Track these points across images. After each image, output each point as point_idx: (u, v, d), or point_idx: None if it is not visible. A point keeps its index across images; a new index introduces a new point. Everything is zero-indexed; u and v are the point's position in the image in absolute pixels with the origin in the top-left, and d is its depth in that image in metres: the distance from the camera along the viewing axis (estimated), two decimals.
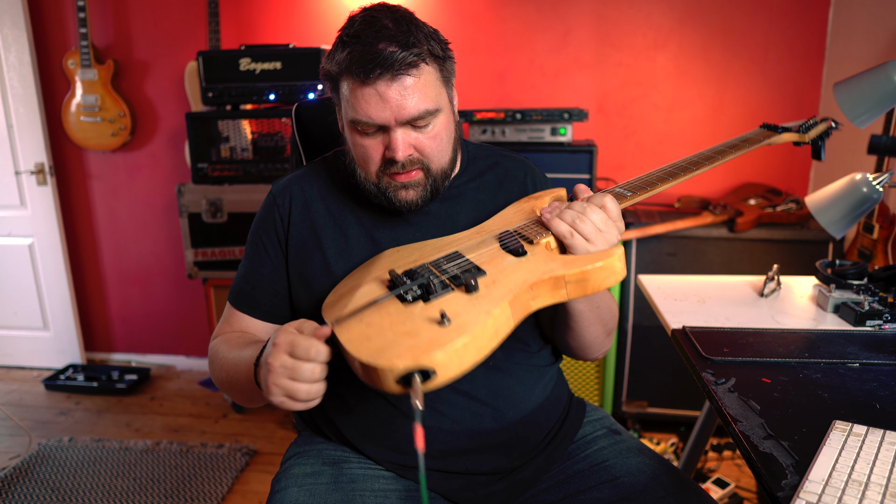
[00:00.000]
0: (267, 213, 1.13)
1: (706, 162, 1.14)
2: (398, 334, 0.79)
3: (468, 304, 0.82)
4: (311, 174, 1.15)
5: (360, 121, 0.96)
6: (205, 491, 2.24)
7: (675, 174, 1.09)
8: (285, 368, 0.82)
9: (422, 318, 0.81)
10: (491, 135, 2.41)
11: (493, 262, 0.91)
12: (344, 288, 0.96)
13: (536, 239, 0.94)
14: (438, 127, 0.99)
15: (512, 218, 1.05)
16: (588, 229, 0.91)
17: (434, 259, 0.95)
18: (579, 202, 0.94)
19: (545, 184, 1.19)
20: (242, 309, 1.13)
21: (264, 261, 1.12)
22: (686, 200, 2.62)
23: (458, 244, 1.00)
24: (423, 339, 0.77)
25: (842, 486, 0.75)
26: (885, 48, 2.16)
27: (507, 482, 1.08)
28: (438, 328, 0.78)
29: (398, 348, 0.76)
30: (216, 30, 2.76)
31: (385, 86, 0.92)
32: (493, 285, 0.85)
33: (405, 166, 0.99)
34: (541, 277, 0.86)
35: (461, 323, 0.78)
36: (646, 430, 2.53)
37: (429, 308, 0.83)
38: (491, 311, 0.80)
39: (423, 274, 0.89)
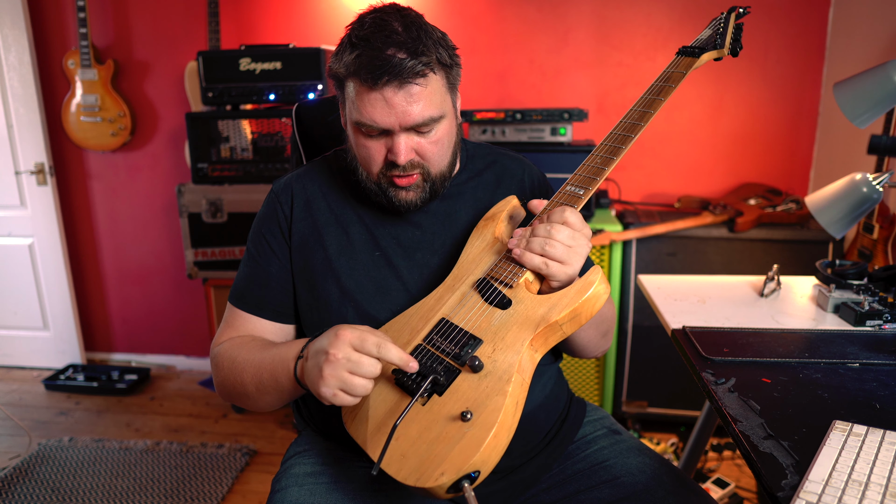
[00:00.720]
0: (270, 210, 1.13)
1: (640, 122, 1.04)
2: (430, 444, 0.82)
3: (481, 387, 0.85)
4: (312, 172, 1.15)
5: (365, 124, 0.96)
6: (205, 491, 2.24)
7: (616, 149, 1.02)
8: (349, 361, 0.83)
9: (445, 418, 0.84)
10: (491, 135, 2.41)
11: (484, 322, 0.93)
12: None
13: (515, 281, 0.94)
14: (441, 132, 1.00)
15: (480, 255, 1.03)
16: (559, 252, 0.90)
17: (427, 334, 0.95)
18: (542, 225, 0.92)
19: (543, 182, 1.20)
20: (249, 309, 1.11)
21: (271, 259, 1.11)
22: (686, 200, 2.62)
23: (442, 307, 0.98)
24: (456, 445, 0.80)
25: (842, 486, 0.75)
26: (885, 48, 2.16)
27: (507, 481, 1.08)
28: (464, 426, 0.81)
29: (436, 463, 0.80)
30: (216, 30, 2.76)
31: (392, 92, 0.93)
32: (494, 354, 0.88)
33: (406, 169, 0.99)
34: (536, 331, 0.89)
35: (484, 416, 0.82)
36: (646, 430, 2.53)
37: (446, 402, 0.86)
38: (506, 391, 0.83)
39: (424, 362, 0.90)
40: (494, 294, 0.94)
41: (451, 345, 0.92)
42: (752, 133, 2.68)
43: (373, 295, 1.07)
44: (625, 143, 1.02)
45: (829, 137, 2.57)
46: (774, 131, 2.67)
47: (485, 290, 0.96)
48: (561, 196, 1.00)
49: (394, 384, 0.91)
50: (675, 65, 1.10)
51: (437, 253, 1.09)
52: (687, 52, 1.12)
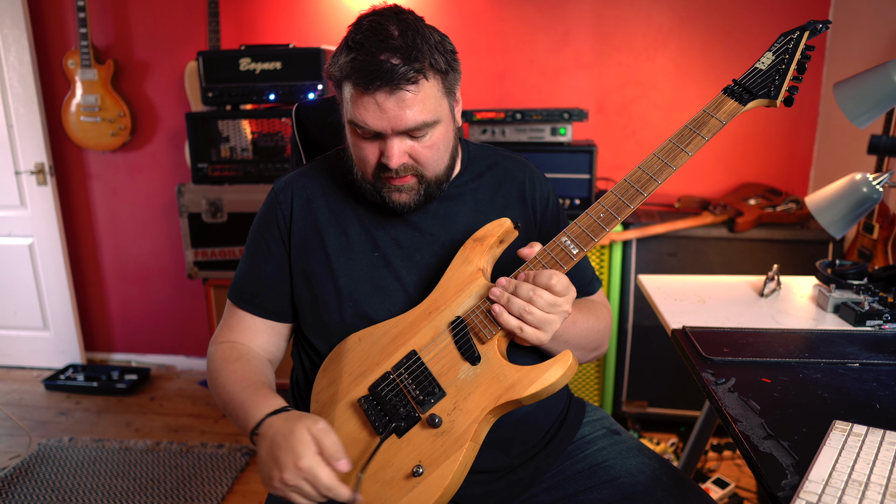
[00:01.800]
0: (269, 210, 1.14)
1: (657, 178, 0.95)
2: (382, 485, 0.92)
3: (436, 444, 0.92)
4: (313, 172, 1.16)
5: (358, 125, 0.97)
6: (205, 491, 2.24)
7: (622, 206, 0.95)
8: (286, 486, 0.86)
9: (398, 465, 0.93)
10: (491, 135, 2.41)
11: (451, 372, 0.96)
12: (324, 395, 1.04)
13: (488, 337, 0.95)
14: (436, 137, 1.00)
15: (462, 285, 1.00)
16: (537, 319, 0.91)
17: (396, 364, 0.99)
18: (526, 286, 0.91)
19: (544, 184, 1.19)
20: (245, 307, 1.13)
21: (268, 258, 1.12)
22: (686, 200, 2.62)
23: (415, 336, 1.00)
24: (404, 497, 0.90)
25: (842, 486, 0.75)
26: (885, 48, 2.16)
27: (506, 481, 1.08)
28: (414, 481, 0.91)
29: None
30: (216, 30, 2.76)
31: (384, 97, 0.93)
32: (454, 413, 0.93)
33: (399, 172, 0.99)
34: (496, 403, 0.92)
35: (433, 477, 0.90)
36: (646, 430, 2.53)
37: (402, 447, 0.94)
38: (458, 459, 0.90)
39: (389, 399, 0.96)
40: (467, 345, 0.96)
41: (415, 387, 0.96)
42: (752, 133, 2.68)
43: (371, 295, 1.07)
44: (633, 200, 0.95)
45: (829, 137, 2.57)
46: (774, 131, 2.67)
47: (458, 336, 0.97)
48: (554, 248, 0.96)
49: (359, 410, 0.99)
50: (714, 108, 0.96)
51: (436, 254, 1.09)
52: (733, 94, 0.95)
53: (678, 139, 0.97)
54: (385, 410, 0.96)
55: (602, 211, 0.96)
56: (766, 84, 0.95)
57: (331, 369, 1.05)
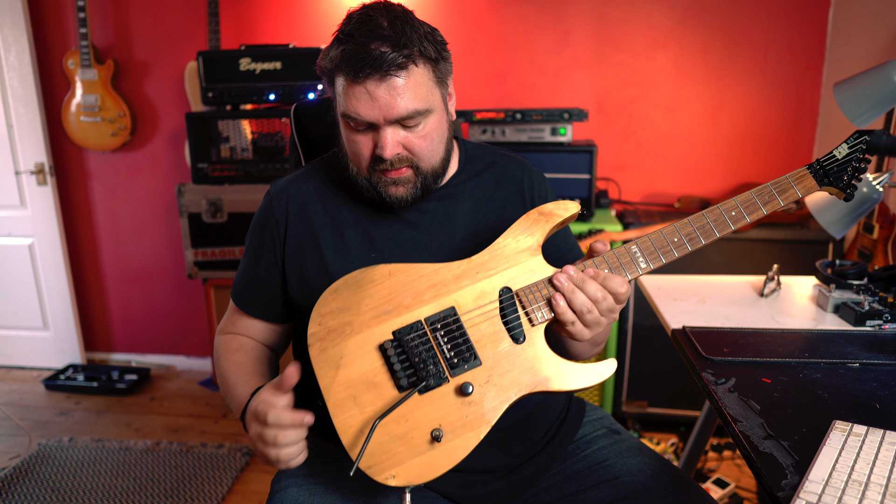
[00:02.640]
0: (264, 214, 1.14)
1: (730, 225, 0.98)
2: (393, 438, 0.86)
3: (461, 412, 0.88)
4: (309, 175, 1.15)
5: (351, 117, 0.97)
6: (205, 491, 2.24)
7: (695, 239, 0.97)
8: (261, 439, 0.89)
9: (416, 421, 0.87)
10: (491, 135, 2.41)
11: (490, 343, 0.91)
12: (333, 321, 0.94)
13: (539, 321, 0.92)
14: (429, 127, 1.00)
15: (519, 256, 0.96)
16: (593, 319, 0.90)
17: (430, 316, 0.93)
18: (594, 285, 0.90)
19: (543, 183, 1.19)
20: (241, 307, 1.16)
21: (260, 262, 1.13)
22: (686, 200, 2.62)
23: (457, 292, 0.94)
24: (417, 458, 0.85)
25: (842, 486, 0.75)
26: (885, 48, 2.16)
27: (507, 481, 1.08)
28: (431, 444, 0.86)
29: (392, 462, 0.85)
30: (216, 30, 2.76)
31: (374, 85, 0.93)
32: (487, 386, 0.89)
33: (394, 164, 0.99)
34: (532, 388, 0.90)
35: (453, 446, 0.86)
36: (646, 430, 2.53)
37: (423, 405, 0.88)
38: (481, 435, 0.87)
39: (418, 351, 0.90)
40: (514, 321, 0.92)
41: (450, 347, 0.91)
42: (752, 133, 2.68)
43: None
44: (708, 237, 0.97)
45: (829, 137, 2.57)
46: (774, 131, 2.67)
47: (507, 308, 0.93)
48: (623, 254, 0.95)
49: (378, 353, 0.91)
50: (796, 180, 0.99)
51: (434, 254, 1.08)
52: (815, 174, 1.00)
53: (759, 195, 0.99)
54: (411, 363, 0.89)
55: (676, 235, 0.96)
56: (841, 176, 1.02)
57: (345, 294, 0.95)
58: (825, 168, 1.00)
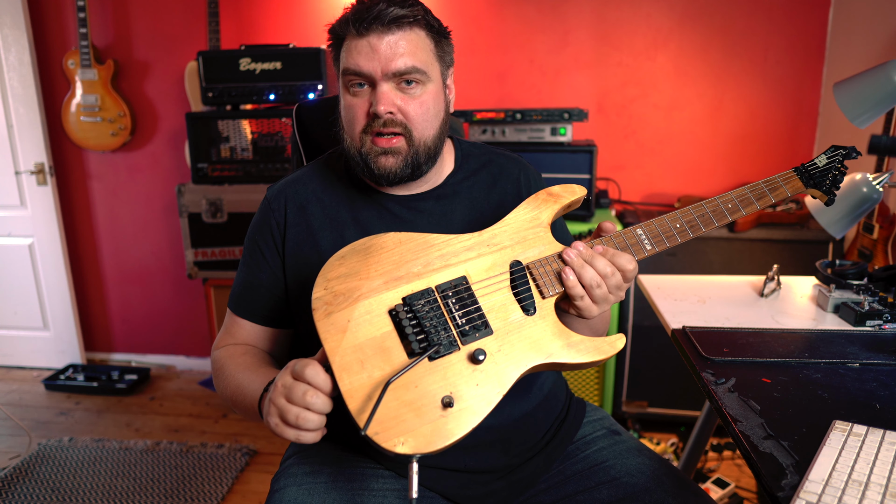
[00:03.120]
0: (263, 217, 1.13)
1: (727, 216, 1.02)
2: (403, 405, 0.83)
3: (472, 380, 0.86)
4: (307, 177, 1.15)
5: (350, 69, 0.99)
6: (205, 491, 2.24)
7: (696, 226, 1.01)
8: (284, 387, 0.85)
9: (426, 388, 0.84)
10: (491, 135, 2.41)
11: (501, 313, 0.92)
12: (340, 285, 0.92)
13: (549, 294, 0.93)
14: (426, 95, 1.01)
15: (527, 231, 0.98)
16: (601, 294, 0.91)
17: (441, 284, 0.92)
18: (603, 261, 0.91)
19: (539, 182, 1.19)
20: (243, 315, 1.13)
21: (262, 266, 1.12)
22: (686, 201, 2.62)
23: (468, 263, 0.95)
24: (426, 425, 0.82)
25: (842, 486, 0.75)
26: (885, 48, 2.16)
27: (506, 481, 1.08)
28: (441, 412, 0.83)
29: (401, 429, 0.81)
30: (216, 30, 2.76)
31: (377, 38, 0.97)
32: (498, 355, 0.88)
33: (387, 125, 0.99)
34: (543, 361, 0.89)
35: (463, 414, 0.83)
36: (646, 430, 2.53)
37: (434, 371, 0.86)
38: (492, 403, 0.85)
39: (429, 317, 0.89)
40: (525, 293, 0.93)
41: (461, 315, 0.90)
42: (752, 133, 2.68)
43: None
44: (707, 225, 1.01)
45: (829, 137, 2.57)
46: (774, 131, 2.67)
47: (517, 280, 0.94)
48: (629, 235, 0.98)
49: (388, 318, 0.90)
50: (785, 180, 1.05)
51: None
52: (801, 176, 1.07)
53: (752, 190, 1.04)
54: (423, 329, 0.88)
55: (678, 222, 1.00)
56: (824, 180, 1.08)
57: (353, 260, 0.94)
58: (809, 172, 1.07)
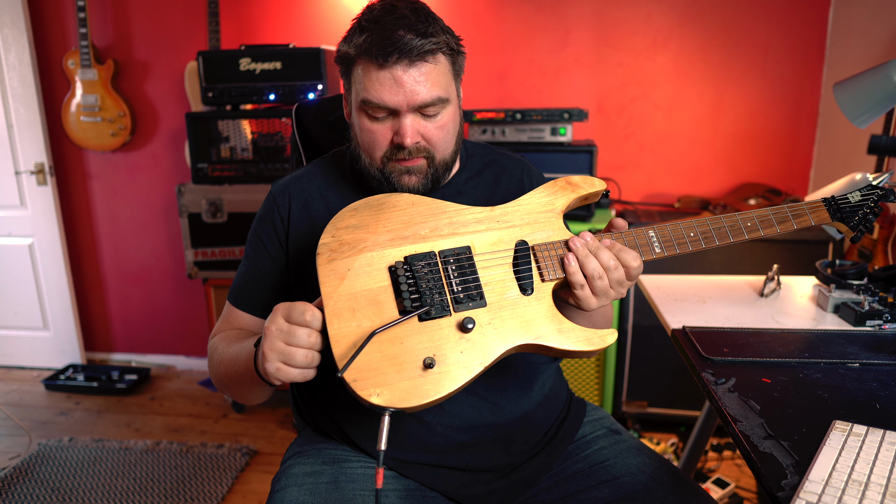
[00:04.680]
0: (267, 213, 1.13)
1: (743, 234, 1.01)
2: (385, 358, 0.84)
3: (458, 347, 0.86)
4: (311, 174, 1.15)
5: (372, 102, 0.97)
6: (205, 491, 2.24)
7: (710, 238, 1.00)
8: (281, 332, 0.84)
9: (411, 346, 0.86)
10: (491, 135, 2.41)
11: (498, 288, 0.92)
12: (347, 235, 0.94)
13: (549, 278, 0.93)
14: (446, 118, 1.01)
15: (539, 214, 0.98)
16: (601, 287, 0.91)
17: (445, 250, 0.93)
18: (608, 254, 0.91)
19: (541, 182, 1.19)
20: (242, 307, 1.13)
21: (264, 258, 1.12)
22: (686, 201, 2.62)
23: (475, 235, 0.95)
24: (404, 381, 0.83)
25: (842, 486, 0.75)
26: (885, 48, 2.16)
27: (507, 480, 1.08)
28: (421, 371, 0.84)
29: (379, 381, 0.83)
30: (216, 30, 2.76)
31: (402, 71, 0.94)
32: (487, 328, 0.89)
33: (411, 153, 1.00)
34: (530, 341, 0.89)
35: (442, 377, 0.84)
36: (646, 430, 2.53)
37: (421, 332, 0.87)
38: (473, 371, 0.85)
39: (427, 278, 0.90)
40: (526, 274, 0.93)
41: (459, 282, 0.91)
42: (752, 133, 2.68)
43: None
44: (722, 240, 1.00)
45: (829, 137, 2.57)
46: (774, 131, 2.67)
47: (520, 260, 0.94)
48: (640, 235, 0.98)
49: (386, 272, 0.91)
50: (812, 209, 1.04)
51: None
52: (829, 208, 1.05)
53: (775, 214, 1.02)
54: (418, 289, 0.89)
55: (692, 231, 0.99)
56: (853, 216, 1.06)
57: (365, 213, 0.96)
58: (839, 205, 1.06)
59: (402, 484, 1.06)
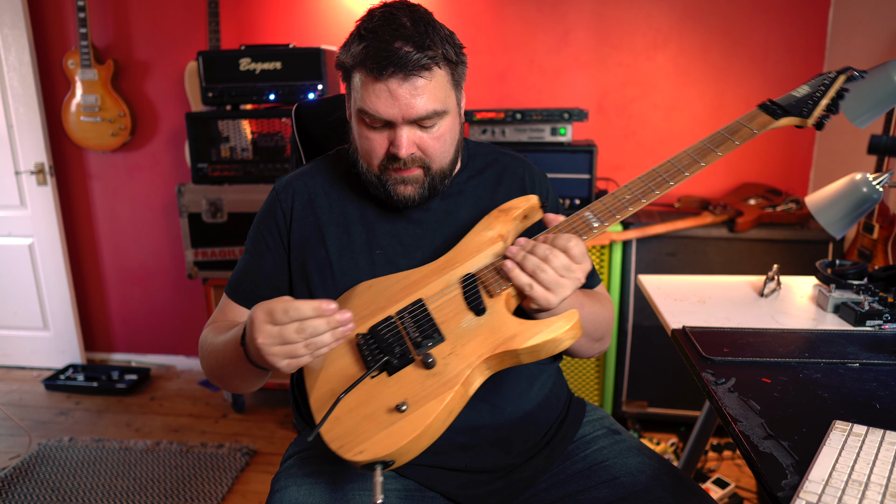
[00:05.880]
0: (270, 208, 1.14)
1: (686, 171, 1.00)
2: (362, 418, 0.89)
3: (426, 384, 0.90)
4: (315, 171, 1.16)
5: (368, 113, 0.97)
6: (205, 491, 2.24)
7: (649, 191, 0.98)
8: (272, 337, 0.84)
9: (383, 400, 0.90)
10: (491, 135, 2.41)
11: (454, 320, 0.95)
12: None
13: (497, 291, 0.95)
14: (443, 129, 1.01)
15: (480, 247, 1.02)
16: (548, 279, 0.90)
17: (400, 309, 0.99)
18: (543, 246, 0.91)
19: (544, 181, 1.20)
20: (239, 301, 1.13)
21: (265, 255, 1.12)
22: (686, 200, 2.62)
23: (425, 288, 1.00)
24: (382, 431, 0.87)
25: (842, 486, 0.75)
26: (885, 48, 2.16)
27: (507, 481, 1.08)
28: (396, 416, 0.88)
29: (361, 439, 0.87)
30: (216, 30, 2.76)
31: (396, 84, 0.94)
32: (449, 357, 0.92)
33: (407, 164, 1.00)
34: (494, 351, 0.91)
35: (416, 415, 0.88)
36: (646, 430, 2.53)
37: (390, 384, 0.92)
38: (444, 399, 0.88)
39: (387, 338, 0.95)
40: (475, 297, 0.96)
41: (416, 330, 0.95)
42: None
43: None
44: (661, 187, 0.98)
45: (829, 137, 2.57)
46: (774, 131, 2.66)
47: (468, 289, 0.97)
48: (576, 220, 0.98)
49: (355, 347, 0.97)
50: (748, 119, 1.00)
51: (438, 251, 1.09)
52: (767, 110, 1.00)
53: (710, 141, 1.01)
54: (381, 348, 0.94)
55: (628, 193, 0.99)
56: (800, 106, 1.01)
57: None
58: (779, 104, 1.00)
59: (402, 484, 1.06)
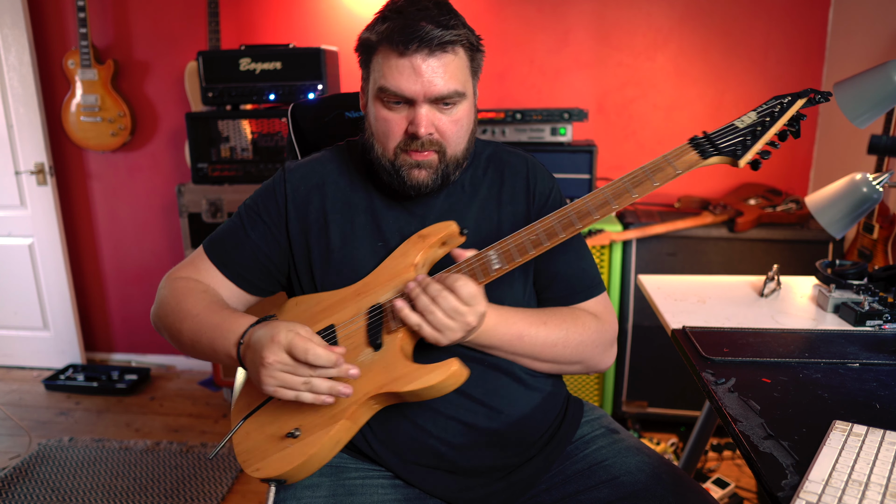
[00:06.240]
0: (273, 185, 1.15)
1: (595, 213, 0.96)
2: (264, 437, 0.99)
3: (318, 412, 0.97)
4: (325, 159, 1.17)
5: (389, 90, 0.97)
6: (205, 491, 2.24)
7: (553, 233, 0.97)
8: (283, 364, 0.88)
9: (283, 423, 0.99)
10: (491, 135, 2.41)
11: (354, 352, 0.99)
12: None
13: (393, 329, 0.98)
14: (461, 112, 1.02)
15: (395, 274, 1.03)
16: (437, 320, 0.91)
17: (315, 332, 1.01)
18: (435, 286, 0.92)
19: (546, 179, 1.19)
20: (215, 261, 1.13)
21: (256, 224, 1.12)
22: (686, 200, 2.62)
23: (339, 314, 1.04)
24: (277, 453, 0.97)
25: (842, 486, 0.75)
26: (885, 48, 2.16)
27: (506, 482, 1.07)
28: (289, 442, 0.97)
29: (260, 457, 0.98)
30: (216, 30, 2.76)
31: (421, 60, 0.95)
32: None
33: (424, 145, 1.00)
34: (378, 391, 0.95)
35: (305, 442, 0.96)
36: (646, 430, 2.53)
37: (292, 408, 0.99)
38: (330, 431, 0.95)
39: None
40: (375, 331, 0.99)
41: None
42: None
43: None
44: (566, 229, 0.97)
45: (829, 137, 2.57)
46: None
47: (372, 321, 1.00)
48: (479, 258, 0.98)
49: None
50: (675, 156, 0.95)
51: None
52: (698, 147, 0.92)
53: (630, 179, 0.97)
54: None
55: (533, 234, 0.98)
56: (735, 143, 0.93)
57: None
58: (712, 140, 0.94)
59: (402, 494, 1.06)
